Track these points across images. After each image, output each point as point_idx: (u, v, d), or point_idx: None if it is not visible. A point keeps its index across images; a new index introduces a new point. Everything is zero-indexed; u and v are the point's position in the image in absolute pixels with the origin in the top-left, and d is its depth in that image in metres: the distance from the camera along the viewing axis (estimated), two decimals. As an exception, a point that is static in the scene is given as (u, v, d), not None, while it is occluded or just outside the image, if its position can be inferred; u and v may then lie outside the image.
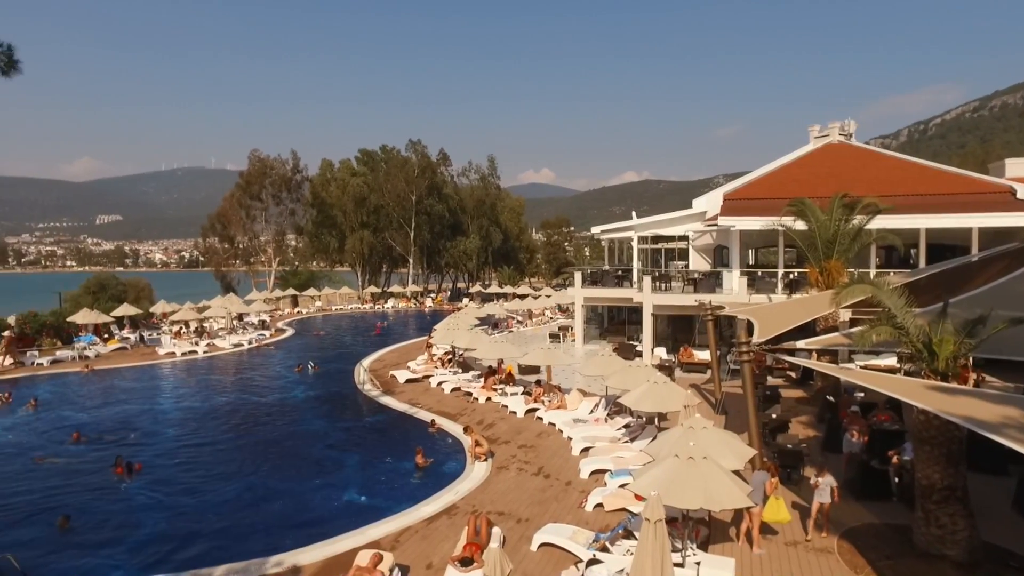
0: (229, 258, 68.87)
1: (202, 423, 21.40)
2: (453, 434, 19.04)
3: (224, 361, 33.71)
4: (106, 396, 25.58)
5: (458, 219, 78.14)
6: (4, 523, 13.33)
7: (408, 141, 73.84)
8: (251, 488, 15.37)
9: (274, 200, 67.86)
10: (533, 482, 14.89)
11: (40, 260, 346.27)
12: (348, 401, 24.53)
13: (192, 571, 10.82)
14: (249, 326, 44.58)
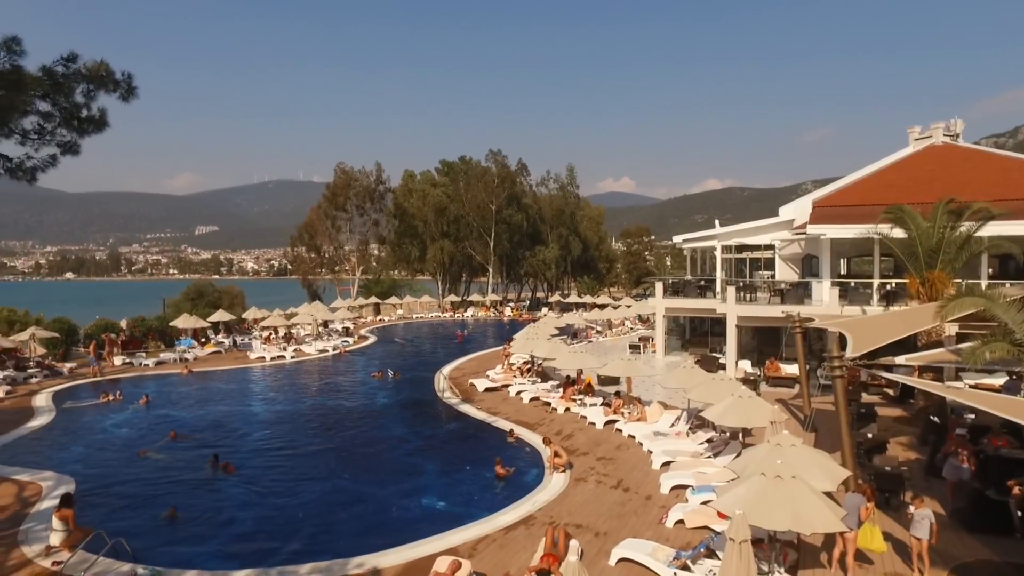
0: (315, 267, 71.78)
1: (289, 425, 22.28)
2: (531, 444, 19.01)
3: (310, 366, 35.03)
4: (202, 397, 27.08)
5: (537, 229, 78.38)
6: (115, 509, 14.27)
7: (488, 151, 74.85)
8: (335, 490, 15.83)
9: (358, 211, 70.22)
10: (612, 495, 14.62)
11: (147, 268, 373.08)
12: (428, 408, 24.94)
13: (279, 568, 11.22)
14: (334, 333, 46.20)
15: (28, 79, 11.26)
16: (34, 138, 12.37)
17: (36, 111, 12.02)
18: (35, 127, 12.25)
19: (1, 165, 12.40)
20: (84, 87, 12.27)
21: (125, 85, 12.63)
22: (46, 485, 15.56)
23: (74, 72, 12.05)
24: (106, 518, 13.24)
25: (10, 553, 11.96)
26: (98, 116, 12.70)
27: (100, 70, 12.21)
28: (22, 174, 12.73)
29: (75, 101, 12.26)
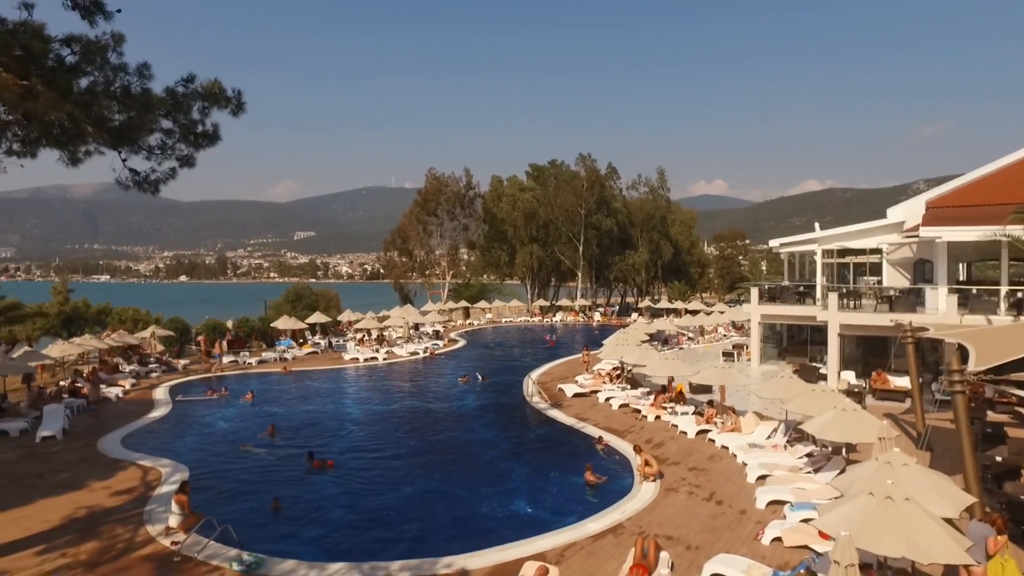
0: (407, 271, 73.85)
1: (381, 425, 22.98)
2: (620, 452, 18.71)
3: (401, 368, 36.03)
4: (300, 395, 28.41)
5: (627, 233, 77.34)
6: (222, 498, 15.16)
7: (577, 155, 74.64)
8: (424, 491, 16.16)
9: (448, 216, 71.70)
10: (704, 507, 14.14)
11: (250, 272, 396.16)
12: (517, 412, 25.07)
13: (372, 563, 11.56)
14: (424, 335, 47.35)
15: (155, 100, 12.23)
16: (157, 153, 13.40)
17: (160, 128, 13.05)
18: (158, 143, 13.27)
19: (131, 178, 13.52)
20: (200, 104, 13.20)
21: (235, 101, 13.49)
22: (164, 471, 16.80)
23: (192, 91, 12.99)
24: (214, 505, 14.08)
25: (138, 530, 13.06)
26: (212, 131, 13.61)
27: (214, 88, 13.09)
28: (147, 186, 13.82)
29: (192, 118, 13.20)
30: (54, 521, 13.62)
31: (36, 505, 14.59)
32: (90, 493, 15.38)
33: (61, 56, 11.25)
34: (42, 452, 19.13)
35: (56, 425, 20.84)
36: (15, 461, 18.22)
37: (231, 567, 11.30)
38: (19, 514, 14.08)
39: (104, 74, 12.02)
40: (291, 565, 11.45)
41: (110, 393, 26.72)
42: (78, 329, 40.53)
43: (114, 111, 12.24)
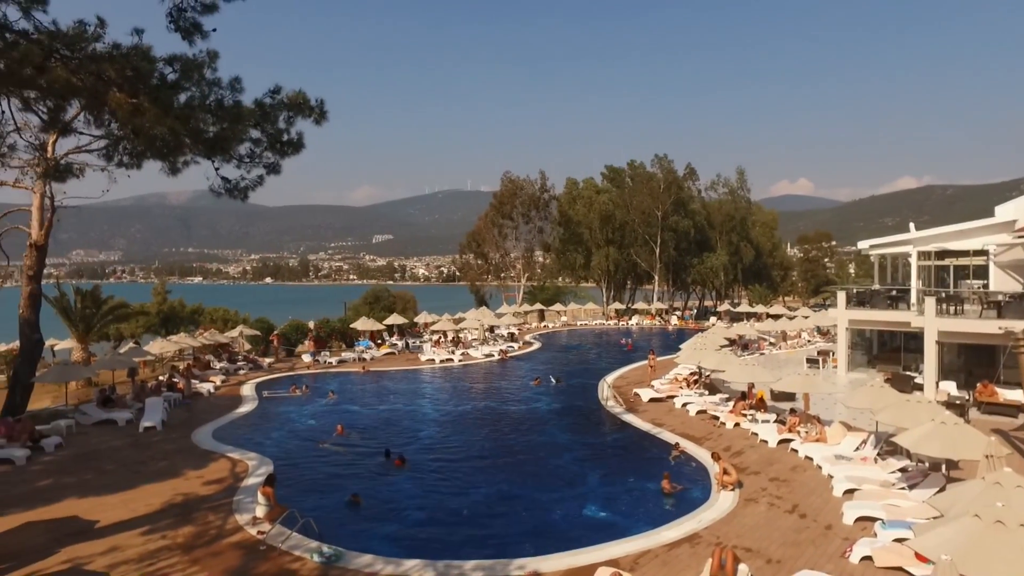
0: (482, 273, 74.64)
1: (456, 425, 23.28)
2: (697, 459, 18.23)
3: (476, 369, 36.41)
4: (378, 394, 29.18)
5: (705, 235, 75.48)
6: (303, 492, 15.69)
7: (654, 156, 73.40)
8: (499, 491, 16.26)
9: (524, 218, 71.99)
10: (786, 520, 13.56)
11: (331, 274, 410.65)
12: (591, 416, 24.86)
13: (446, 561, 11.71)
14: (499, 338, 47.66)
15: (245, 111, 12.90)
16: (246, 161, 14.13)
17: (249, 138, 13.75)
18: (248, 152, 13.99)
19: (222, 185, 14.31)
20: (285, 114, 13.82)
21: (318, 110, 14.05)
22: (251, 464, 17.64)
23: (278, 102, 13.62)
24: (296, 498, 14.60)
25: (228, 519, 13.76)
26: (296, 139, 14.23)
27: (298, 99, 13.68)
28: (237, 192, 14.58)
29: (278, 127, 13.85)
30: (156, 505, 14.56)
31: (140, 490, 15.65)
32: (185, 481, 16.34)
33: (164, 74, 12.04)
34: (144, 441, 20.51)
35: (156, 417, 22.27)
36: (122, 448, 19.61)
37: (312, 558, 11.73)
38: (127, 496, 15.14)
39: (200, 89, 12.79)
40: (368, 560, 11.76)
41: (202, 388, 28.33)
42: (174, 328, 43.26)
43: (209, 123, 12.99)
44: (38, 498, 15.12)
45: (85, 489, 15.74)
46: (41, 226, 24.43)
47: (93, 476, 16.87)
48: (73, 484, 16.18)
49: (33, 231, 24.38)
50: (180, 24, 12.81)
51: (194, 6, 13.00)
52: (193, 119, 12.42)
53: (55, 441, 19.64)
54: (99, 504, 14.67)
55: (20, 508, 14.41)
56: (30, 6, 12.00)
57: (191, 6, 13.00)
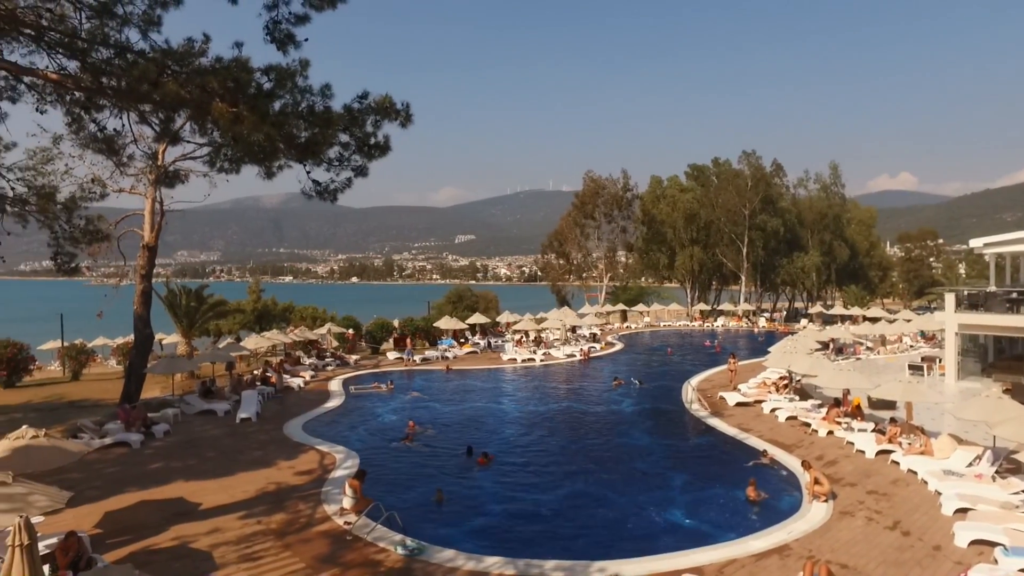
0: (564, 273, 74.43)
1: (538, 425, 23.28)
2: (787, 467, 17.46)
3: (558, 370, 36.32)
4: (460, 392, 29.61)
5: (796, 233, 72.28)
6: (386, 486, 16.08)
7: (741, 152, 70.96)
8: (579, 493, 16.14)
9: (606, 218, 71.29)
10: (886, 537, 12.73)
11: (414, 274, 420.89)
12: (674, 419, 24.29)
13: (526, 560, 11.72)
14: (581, 338, 47.39)
15: (335, 116, 13.40)
16: (336, 165, 14.65)
17: (338, 142, 14.27)
18: (337, 155, 14.51)
19: (313, 188, 14.91)
20: (373, 118, 14.24)
21: (404, 114, 14.39)
22: (338, 457, 18.29)
23: (366, 106, 14.06)
24: (379, 492, 14.98)
25: (317, 508, 14.33)
26: (383, 142, 14.63)
27: (385, 103, 14.06)
28: (327, 195, 15.15)
29: (366, 131, 14.29)
30: (251, 492, 15.36)
31: (237, 477, 16.56)
32: (278, 471, 17.14)
33: (260, 84, 12.69)
34: (241, 431, 21.68)
35: (252, 409, 23.51)
36: (221, 437, 20.82)
37: (396, 550, 12.03)
38: (226, 483, 16.06)
39: (293, 96, 13.39)
40: (450, 555, 11.93)
41: (293, 383, 29.65)
42: (268, 325, 45.46)
43: (301, 128, 13.58)
44: (150, 479, 16.29)
45: (190, 473, 16.83)
46: (152, 229, 26.34)
47: (196, 462, 18.00)
48: (179, 468, 17.33)
49: (145, 233, 26.30)
50: (275, 36, 13.48)
51: (288, 18, 13.64)
52: (287, 125, 13.03)
53: (164, 428, 21.11)
54: (202, 488, 15.63)
55: (136, 487, 15.59)
56: (147, 28, 12.97)
57: (285, 18, 13.65)
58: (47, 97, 14.88)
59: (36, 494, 9.97)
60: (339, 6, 13.93)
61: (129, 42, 12.94)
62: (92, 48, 12.77)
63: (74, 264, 18.94)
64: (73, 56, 12.97)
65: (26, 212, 16.57)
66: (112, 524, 13.38)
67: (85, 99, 14.64)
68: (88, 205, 18.71)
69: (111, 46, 12.76)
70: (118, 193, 26.82)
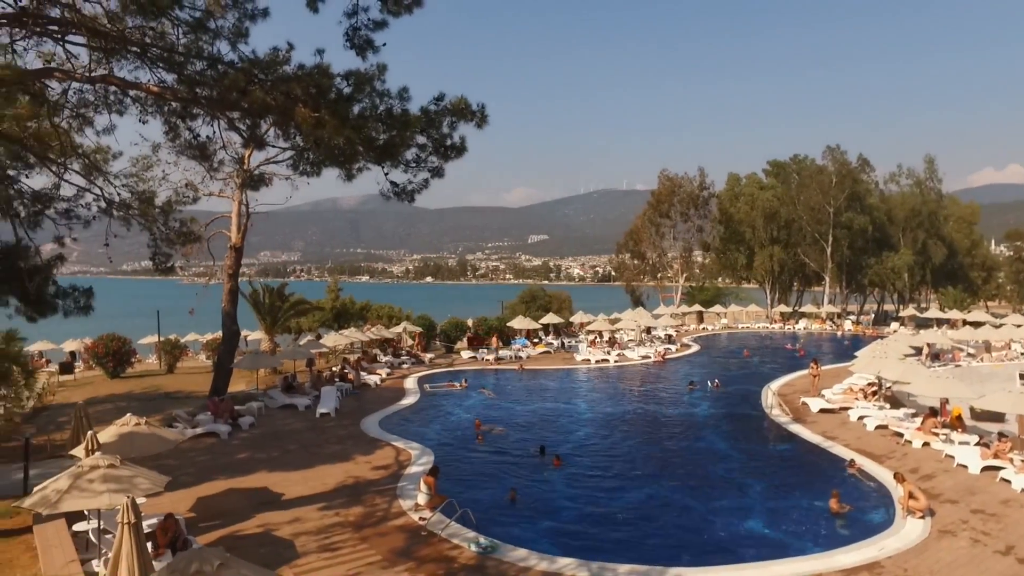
0: (639, 273, 73.28)
1: (611, 427, 22.99)
2: (877, 479, 16.51)
3: (632, 371, 35.77)
4: (533, 392, 29.60)
5: (885, 232, 68.39)
6: (460, 483, 16.18)
7: (824, 147, 67.65)
8: (653, 496, 15.83)
9: (682, 217, 69.71)
10: (997, 563, 11.76)
11: (488, 273, 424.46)
12: (753, 424, 23.46)
13: (600, 563, 11.57)
14: (656, 339, 46.54)
15: (412, 119, 13.67)
16: (413, 166, 14.93)
17: (415, 144, 14.54)
18: (414, 157, 14.78)
19: (391, 189, 15.24)
20: (449, 120, 14.44)
21: (479, 115, 14.51)
22: (413, 453, 18.63)
23: (442, 108, 14.26)
24: (453, 489, 15.12)
25: (392, 503, 14.66)
26: (459, 143, 14.80)
27: (460, 104, 14.21)
28: (404, 196, 15.46)
29: (443, 132, 14.50)
30: (330, 485, 15.87)
31: (317, 469, 17.14)
32: (355, 465, 17.63)
33: (340, 89, 13.09)
34: (320, 426, 22.44)
35: (330, 404, 24.29)
36: (302, 431, 21.62)
37: (469, 547, 12.12)
38: (306, 475, 16.66)
39: (371, 100, 13.74)
40: (523, 554, 11.92)
41: (370, 380, 30.43)
42: (345, 323, 46.90)
43: (379, 131, 13.92)
44: (237, 469, 17.11)
45: (273, 464, 17.55)
46: (239, 230, 27.67)
47: (279, 454, 18.76)
48: (264, 459, 18.11)
49: (232, 235, 27.67)
50: (355, 42, 13.86)
51: (367, 24, 14.00)
52: (366, 128, 13.38)
53: (249, 420, 22.12)
54: (284, 479, 16.27)
55: (224, 476, 16.41)
56: (236, 40, 13.62)
57: (364, 24, 14.01)
58: (148, 108, 15.89)
59: (139, 477, 10.63)
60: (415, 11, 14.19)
61: (220, 54, 13.62)
62: (188, 61, 13.51)
63: (170, 264, 20.17)
64: (171, 69, 13.77)
65: (129, 216, 17.74)
66: (204, 509, 14.13)
67: (181, 109, 15.53)
68: (182, 208, 19.89)
69: (204, 58, 13.47)
70: (208, 197, 28.36)
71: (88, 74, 14.06)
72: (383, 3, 13.79)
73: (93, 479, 10.13)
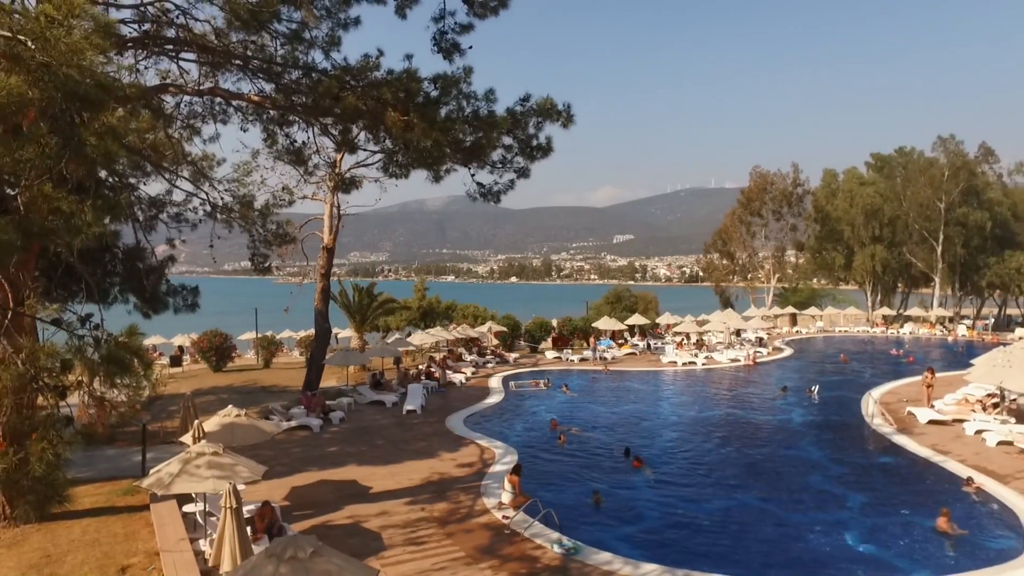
0: (728, 274, 70.98)
1: (698, 431, 22.34)
2: (999, 500, 15.13)
3: (720, 374, 34.66)
4: (618, 394, 29.20)
5: (1008, 229, 62.65)
6: (543, 483, 16.12)
7: (936, 138, 62.85)
8: (740, 505, 15.22)
9: (774, 215, 66.97)
10: None
11: (572, 274, 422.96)
12: (852, 433, 22.16)
13: (686, 571, 11.22)
14: (746, 342, 44.92)
15: (498, 120, 13.78)
16: (499, 167, 15.05)
17: (501, 145, 14.65)
18: (500, 158, 14.90)
19: (477, 190, 15.43)
20: (535, 120, 14.45)
21: (565, 115, 14.45)
22: (497, 452, 18.75)
23: (528, 109, 14.29)
24: (536, 489, 15.07)
25: (476, 501, 14.80)
26: (545, 143, 14.79)
27: (547, 104, 14.20)
28: (490, 196, 15.61)
29: (528, 133, 14.53)
30: (416, 480, 16.22)
31: (404, 465, 17.57)
32: (440, 462, 17.95)
33: (428, 92, 13.38)
34: (407, 422, 23.00)
35: (417, 401, 24.86)
36: (389, 427, 22.24)
37: (552, 548, 12.06)
38: (393, 470, 17.12)
39: (458, 102, 13.96)
40: (607, 557, 11.74)
41: (455, 378, 30.95)
42: (431, 322, 47.88)
43: (466, 133, 14.12)
44: (328, 461, 17.80)
45: (362, 458, 18.14)
46: (331, 231, 28.82)
47: (367, 448, 19.38)
48: (353, 453, 18.75)
49: (325, 236, 28.84)
50: (442, 46, 14.13)
51: (453, 28, 14.23)
52: (453, 130, 13.62)
53: (339, 415, 22.97)
54: (372, 473, 16.78)
55: (316, 468, 17.12)
56: (329, 48, 14.20)
57: (451, 28, 14.25)
58: (249, 117, 16.82)
59: (240, 465, 11.24)
60: (501, 12, 14.29)
61: (314, 62, 14.22)
62: (285, 71, 14.20)
63: (267, 264, 21.28)
64: (270, 79, 14.51)
65: (231, 218, 18.83)
66: (297, 498, 14.79)
67: (279, 116, 16.35)
68: (278, 211, 20.89)
69: (300, 67, 14.11)
70: (302, 200, 29.69)
71: (198, 87, 15.05)
72: (469, 6, 14.01)
73: (200, 465, 10.81)
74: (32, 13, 7.55)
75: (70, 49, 6.96)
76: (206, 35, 13.85)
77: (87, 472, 15.95)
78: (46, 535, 12.18)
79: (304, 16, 13.21)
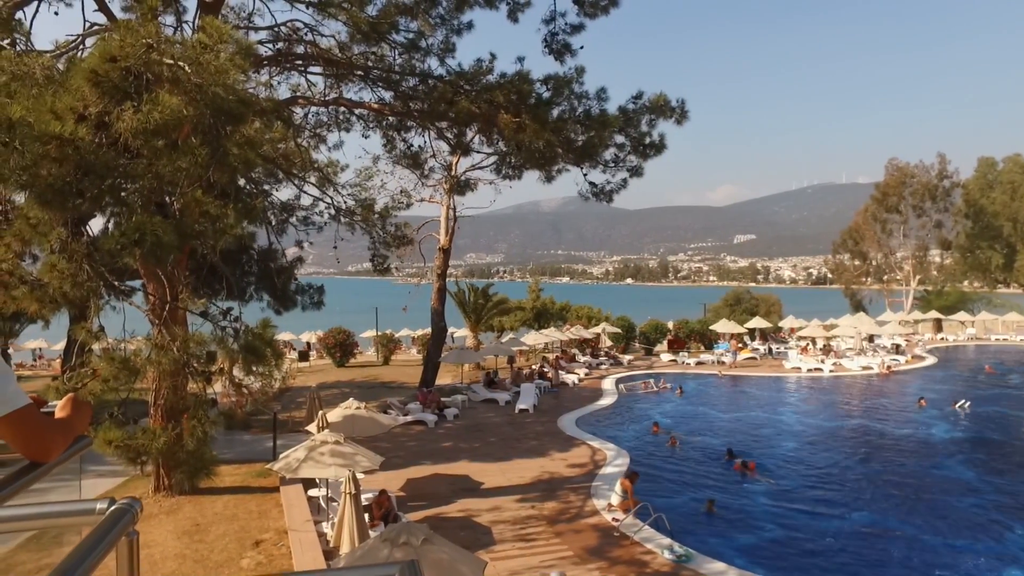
0: (860, 275, 65.95)
1: (824, 442, 20.97)
2: None
3: (849, 383, 32.33)
4: (735, 399, 28.00)
5: None
6: (654, 488, 15.76)
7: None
8: (872, 523, 14.09)
9: (915, 211, 61.45)
10: None
11: (690, 275, 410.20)
12: (1010, 453, 19.93)
13: (808, 591, 10.58)
14: (880, 349, 41.59)
15: (610, 119, 13.67)
16: (611, 166, 14.92)
17: (614, 143, 14.51)
18: (612, 157, 14.77)
19: (590, 190, 15.38)
20: (648, 118, 14.20)
21: (679, 111, 14.10)
22: (609, 454, 18.53)
23: (640, 106, 14.07)
24: (646, 493, 14.73)
25: (586, 501, 14.71)
26: (658, 141, 14.50)
27: (660, 101, 13.91)
28: (603, 196, 15.52)
29: (641, 131, 14.30)
30: (526, 478, 16.38)
31: (515, 463, 17.80)
32: (551, 461, 18.00)
33: (539, 93, 13.50)
34: (519, 421, 23.26)
35: (529, 400, 25.09)
36: (502, 425, 22.61)
37: (663, 554, 11.75)
38: (504, 467, 17.39)
39: (570, 102, 13.98)
40: (720, 567, 11.27)
41: (568, 379, 30.90)
42: (545, 322, 48.10)
43: (578, 133, 14.11)
44: (442, 456, 18.38)
45: (474, 455, 18.56)
46: (447, 233, 29.73)
47: (480, 445, 19.80)
48: (466, 449, 19.23)
49: (441, 237, 29.80)
50: (553, 47, 14.20)
51: (564, 28, 14.27)
52: (565, 130, 13.66)
53: (454, 412, 23.64)
54: (484, 469, 17.12)
55: (430, 461, 17.73)
56: (444, 55, 14.69)
57: (562, 29, 14.29)
58: (370, 124, 17.75)
59: (359, 455, 11.88)
60: (612, 11, 14.16)
61: (430, 69, 14.76)
62: (403, 78, 14.85)
63: (386, 265, 22.31)
64: (389, 87, 15.23)
65: (353, 221, 19.93)
66: (412, 490, 15.38)
67: (397, 123, 17.12)
68: (397, 214, 21.86)
69: (416, 75, 14.70)
70: (420, 202, 30.86)
71: (324, 98, 16.08)
72: (579, 6, 14.00)
73: (323, 452, 11.53)
74: (189, 42, 8.39)
75: (218, 70, 7.68)
76: (331, 49, 14.77)
77: (227, 454, 17.46)
78: (195, 506, 13.54)
79: (420, 25, 13.76)
